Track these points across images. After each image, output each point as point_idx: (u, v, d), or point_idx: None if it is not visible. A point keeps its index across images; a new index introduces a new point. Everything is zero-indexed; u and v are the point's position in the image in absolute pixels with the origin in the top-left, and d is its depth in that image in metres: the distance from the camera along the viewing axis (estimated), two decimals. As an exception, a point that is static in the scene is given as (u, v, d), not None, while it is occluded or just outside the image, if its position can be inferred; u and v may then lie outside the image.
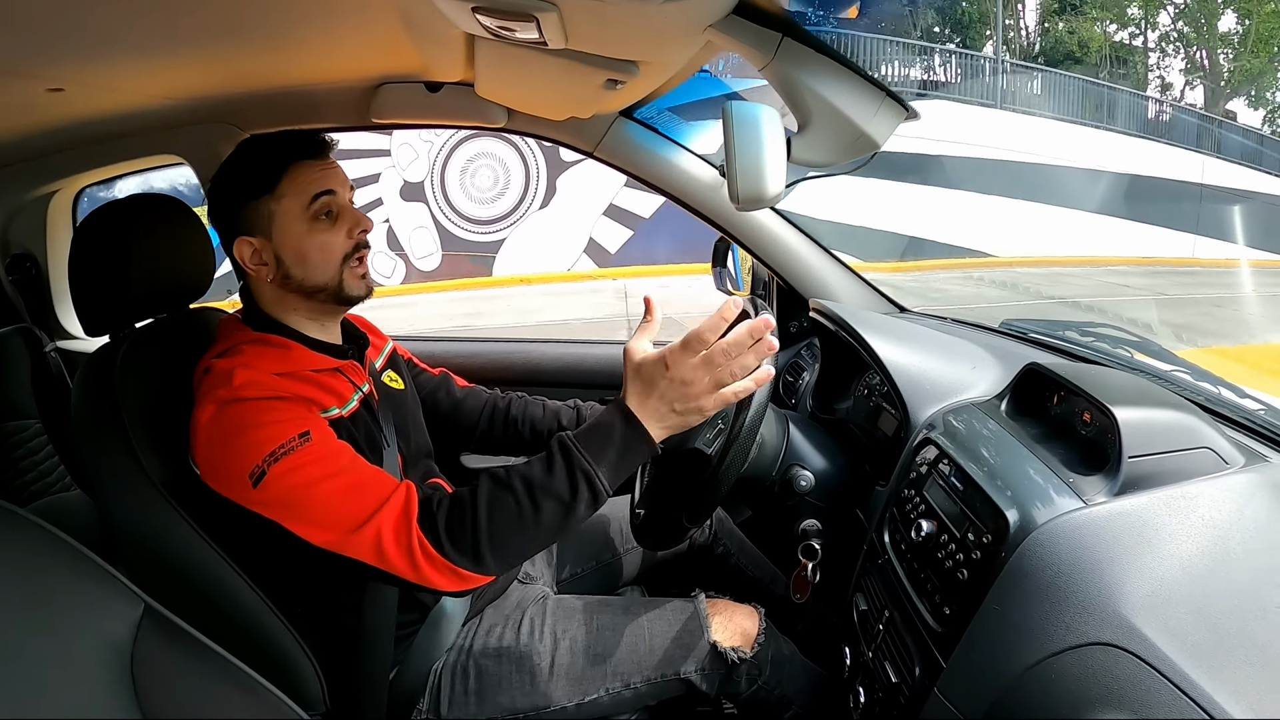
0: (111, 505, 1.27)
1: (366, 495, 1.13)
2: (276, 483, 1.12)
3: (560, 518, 1.13)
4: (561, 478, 1.12)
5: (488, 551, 1.11)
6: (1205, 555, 0.87)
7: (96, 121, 1.82)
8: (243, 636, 1.20)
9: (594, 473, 1.12)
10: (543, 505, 1.11)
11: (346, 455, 1.18)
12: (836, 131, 1.16)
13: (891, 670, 1.15)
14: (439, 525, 1.12)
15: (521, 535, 1.13)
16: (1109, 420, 0.99)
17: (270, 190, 1.27)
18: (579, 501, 1.12)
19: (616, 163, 1.95)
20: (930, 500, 1.18)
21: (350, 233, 1.31)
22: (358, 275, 1.32)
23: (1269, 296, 11.51)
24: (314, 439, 1.15)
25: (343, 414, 1.26)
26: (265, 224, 1.28)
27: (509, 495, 1.12)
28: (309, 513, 1.13)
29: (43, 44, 1.23)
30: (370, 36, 1.43)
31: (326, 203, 1.29)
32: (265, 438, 1.14)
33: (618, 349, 2.35)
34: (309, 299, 1.31)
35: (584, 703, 1.35)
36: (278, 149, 1.30)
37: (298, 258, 1.29)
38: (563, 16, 1.03)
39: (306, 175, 1.28)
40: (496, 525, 1.12)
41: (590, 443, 1.13)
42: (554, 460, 1.13)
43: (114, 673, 0.86)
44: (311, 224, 1.28)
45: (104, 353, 1.30)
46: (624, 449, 1.13)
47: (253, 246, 1.29)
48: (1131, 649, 0.79)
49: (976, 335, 1.64)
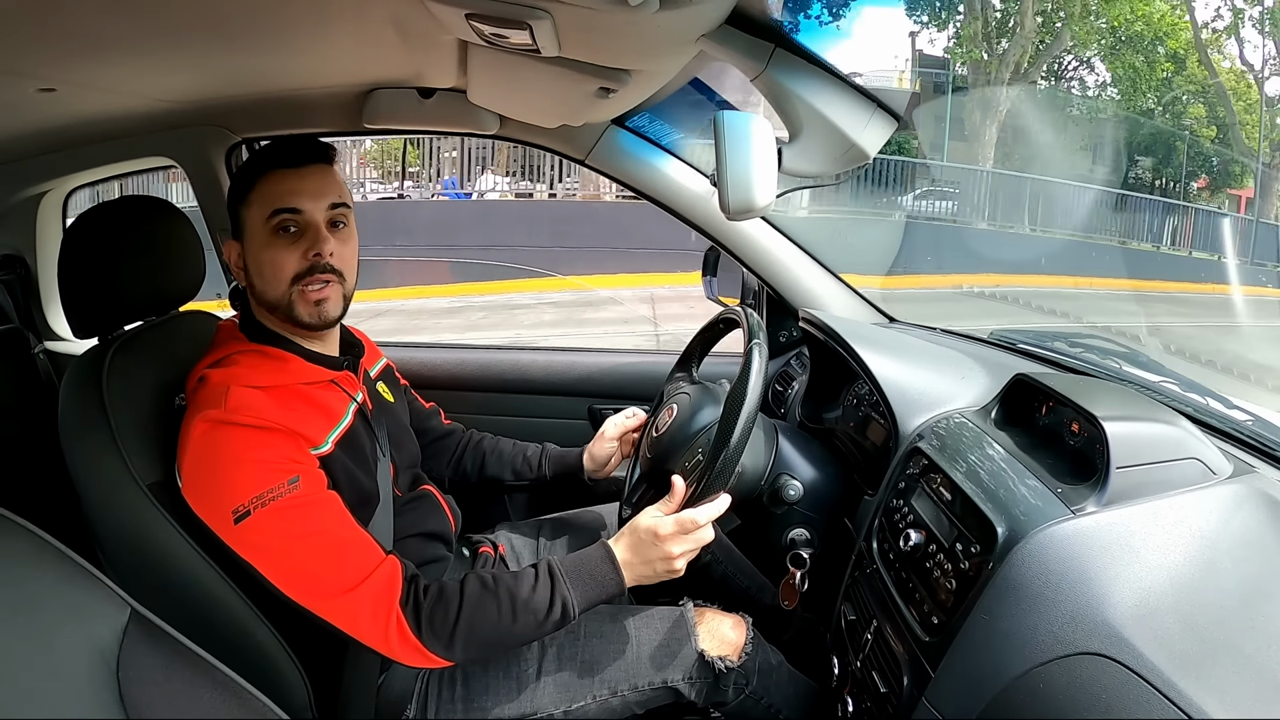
0: (97, 509, 1.27)
1: (349, 565, 1.18)
2: (259, 528, 1.14)
3: (531, 630, 1.23)
4: (543, 598, 1.22)
5: (460, 645, 1.19)
6: (1193, 565, 0.87)
7: (88, 122, 1.81)
8: (229, 642, 1.19)
9: (570, 600, 1.23)
10: (520, 617, 1.21)
11: (333, 510, 1.21)
12: (827, 142, 1.16)
13: (880, 680, 1.14)
14: (422, 611, 1.19)
15: (494, 638, 1.22)
16: (1097, 431, 0.99)
17: (243, 199, 1.28)
18: (550, 621, 1.22)
19: (608, 171, 1.96)
20: (919, 510, 1.18)
21: (305, 254, 1.27)
22: (309, 300, 1.28)
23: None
24: (302, 487, 1.17)
25: (335, 441, 1.27)
26: (241, 231, 1.29)
27: (493, 602, 1.21)
28: (287, 569, 1.17)
29: (34, 43, 1.22)
30: (363, 42, 1.43)
31: (285, 219, 1.26)
32: (254, 477, 1.15)
33: (607, 357, 2.36)
34: (271, 314, 1.31)
35: (571, 710, 1.34)
36: (260, 157, 1.30)
37: (256, 270, 1.29)
38: (556, 24, 1.03)
39: (276, 187, 1.27)
40: (475, 625, 1.20)
41: (574, 574, 1.26)
42: (539, 582, 1.24)
43: (100, 677, 0.85)
44: (270, 238, 1.26)
45: (92, 355, 1.30)
46: (600, 586, 1.26)
47: (236, 250, 1.30)
48: (1119, 658, 0.79)
49: (965, 345, 1.65)
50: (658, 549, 1.26)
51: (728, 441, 1.25)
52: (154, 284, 1.42)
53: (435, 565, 1.47)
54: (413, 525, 1.44)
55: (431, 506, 1.52)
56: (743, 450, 1.27)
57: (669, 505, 1.30)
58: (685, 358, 1.71)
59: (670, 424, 1.48)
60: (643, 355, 2.35)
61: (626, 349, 2.39)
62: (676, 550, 1.26)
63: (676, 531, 1.26)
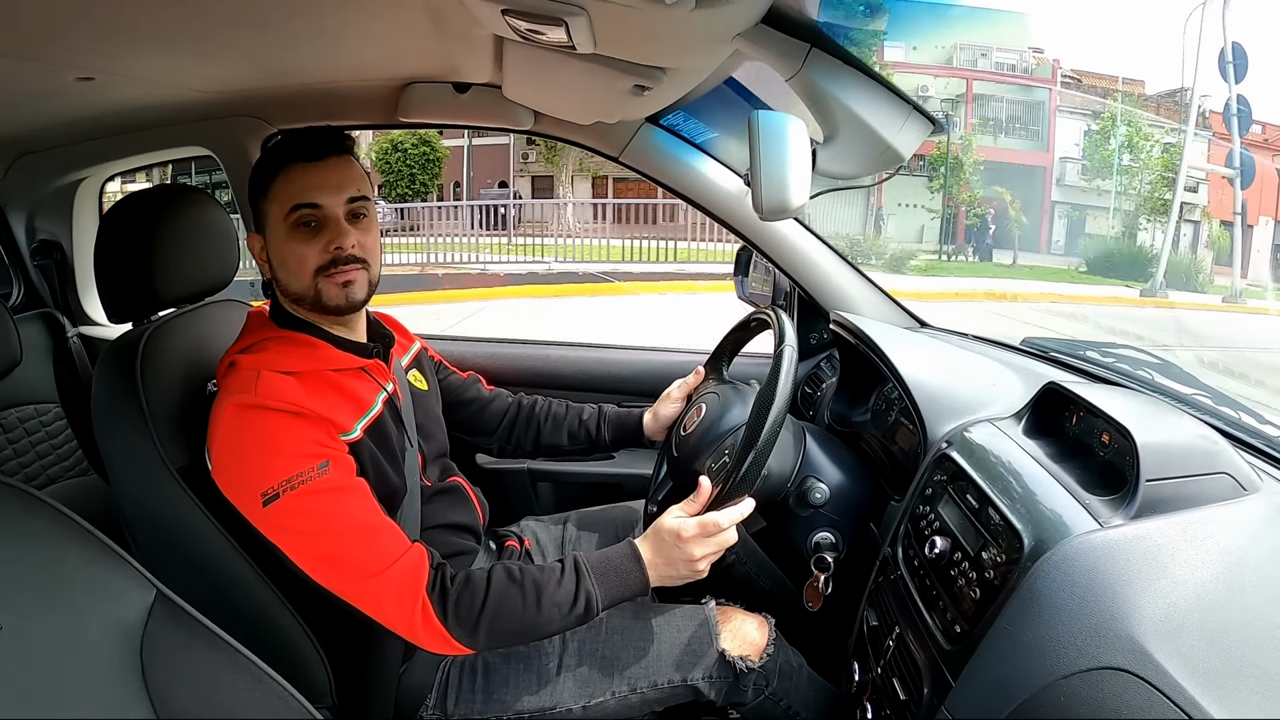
0: (128, 491, 1.28)
1: (377, 550, 1.18)
2: (289, 511, 1.15)
3: (554, 623, 1.23)
4: (568, 592, 1.22)
5: (484, 633, 1.19)
6: (1220, 582, 0.86)
7: (125, 111, 1.83)
8: (253, 627, 1.20)
9: (595, 596, 1.23)
10: (544, 610, 1.21)
11: (361, 497, 1.21)
12: (862, 143, 1.16)
13: (900, 687, 1.14)
14: (449, 598, 1.19)
15: (517, 628, 1.22)
16: (1128, 443, 0.98)
17: (263, 193, 1.28)
18: (574, 615, 1.22)
19: (642, 169, 1.95)
20: (945, 517, 1.17)
21: (326, 247, 1.27)
22: (336, 283, 1.28)
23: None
24: (332, 472, 1.18)
25: (363, 429, 1.27)
26: (263, 223, 1.30)
27: (518, 593, 1.21)
28: (314, 553, 1.18)
29: (73, 33, 1.24)
30: (400, 35, 1.43)
31: (305, 215, 1.26)
32: (284, 461, 1.16)
33: (637, 354, 2.36)
34: (297, 305, 1.32)
35: (590, 705, 1.34)
36: (278, 150, 1.30)
37: (279, 262, 1.29)
38: (591, 21, 1.03)
39: (295, 182, 1.26)
40: (500, 614, 1.20)
41: (600, 570, 1.26)
42: (565, 575, 1.24)
43: (123, 656, 0.86)
44: (291, 232, 1.27)
45: (126, 340, 1.31)
46: (625, 584, 1.26)
47: (260, 242, 1.31)
48: (1143, 674, 0.78)
49: (997, 352, 1.63)
50: (680, 550, 1.25)
51: (755, 443, 1.24)
52: (188, 272, 1.43)
53: (462, 557, 1.47)
54: (440, 516, 1.45)
55: (460, 498, 1.53)
56: (770, 452, 1.26)
57: (693, 505, 1.29)
58: (715, 357, 1.70)
59: (698, 423, 1.48)
60: (674, 353, 2.33)
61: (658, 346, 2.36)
62: (698, 552, 1.25)
63: (699, 534, 1.25)
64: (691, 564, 1.26)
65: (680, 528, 1.25)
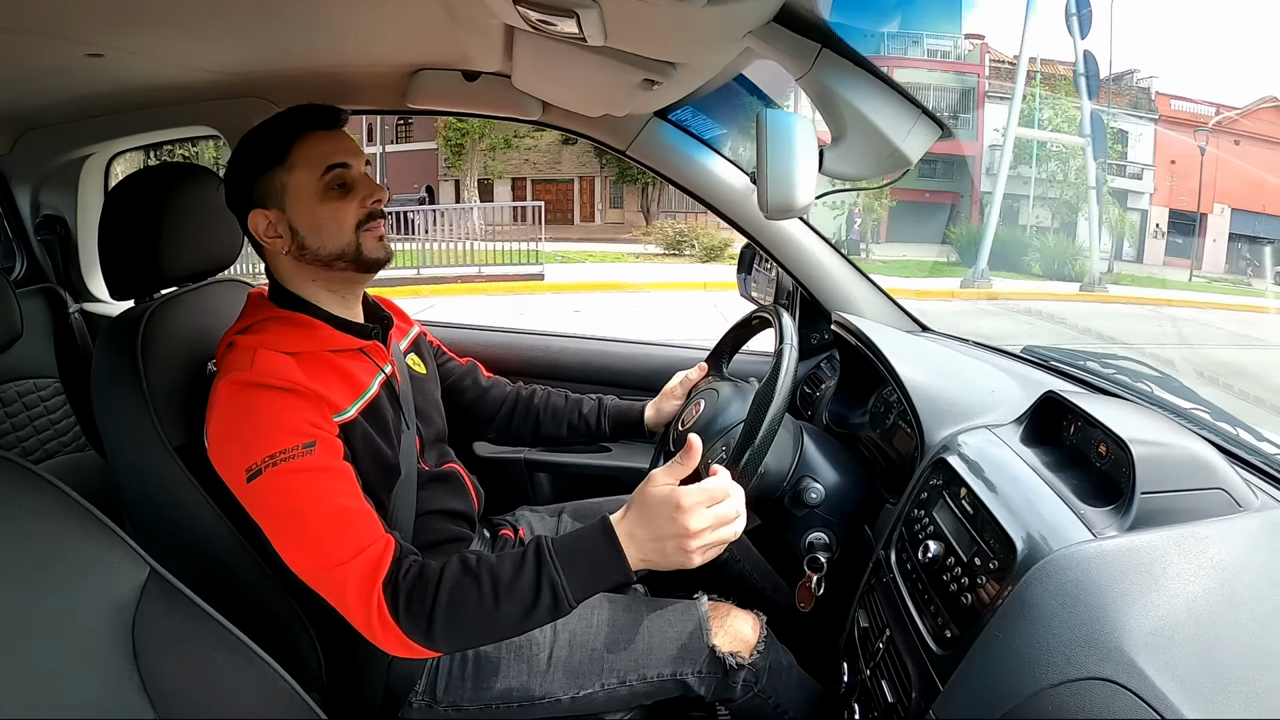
0: (125, 468, 1.29)
1: (347, 537, 1.13)
2: (268, 488, 1.13)
3: (518, 619, 1.11)
4: (528, 582, 1.10)
5: (439, 633, 1.10)
6: (1212, 597, 0.86)
7: (133, 89, 1.83)
8: (245, 607, 1.20)
9: (561, 585, 1.10)
10: (503, 603, 1.10)
11: (343, 481, 1.18)
12: (870, 145, 1.15)
13: (889, 690, 1.14)
14: (400, 592, 1.10)
15: (478, 625, 1.12)
16: (1125, 454, 0.98)
17: (281, 161, 1.28)
18: (539, 608, 1.10)
19: (648, 163, 1.95)
20: (939, 521, 1.17)
21: (364, 202, 1.30)
22: (374, 238, 1.32)
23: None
24: (317, 452, 1.16)
25: (359, 410, 1.27)
26: (279, 195, 1.29)
27: (474, 586, 1.10)
28: (287, 533, 1.15)
29: (83, 9, 1.24)
30: (411, 22, 1.43)
31: (339, 175, 1.29)
32: (271, 437, 1.14)
33: (637, 348, 2.36)
34: (327, 269, 1.31)
35: (579, 696, 1.35)
36: (288, 121, 1.31)
37: (312, 227, 1.29)
38: (603, 14, 1.03)
39: (318, 147, 1.29)
40: (454, 611, 1.10)
41: (566, 554, 1.12)
42: (525, 564, 1.12)
43: (115, 633, 0.86)
44: (324, 194, 1.28)
45: (128, 317, 1.31)
46: (597, 569, 1.12)
47: (267, 219, 1.29)
48: (1130, 686, 0.78)
49: (997, 359, 1.63)
50: (674, 523, 1.09)
51: (753, 440, 1.24)
52: (192, 250, 1.43)
53: (457, 544, 1.47)
54: (436, 501, 1.45)
55: (456, 484, 1.52)
56: (767, 450, 1.27)
57: (681, 468, 1.14)
58: (716, 353, 1.71)
59: (696, 419, 1.48)
60: (674, 347, 2.34)
61: (658, 341, 2.37)
62: (695, 524, 1.09)
63: (701, 501, 1.10)
64: (684, 541, 1.10)
65: (679, 496, 1.10)
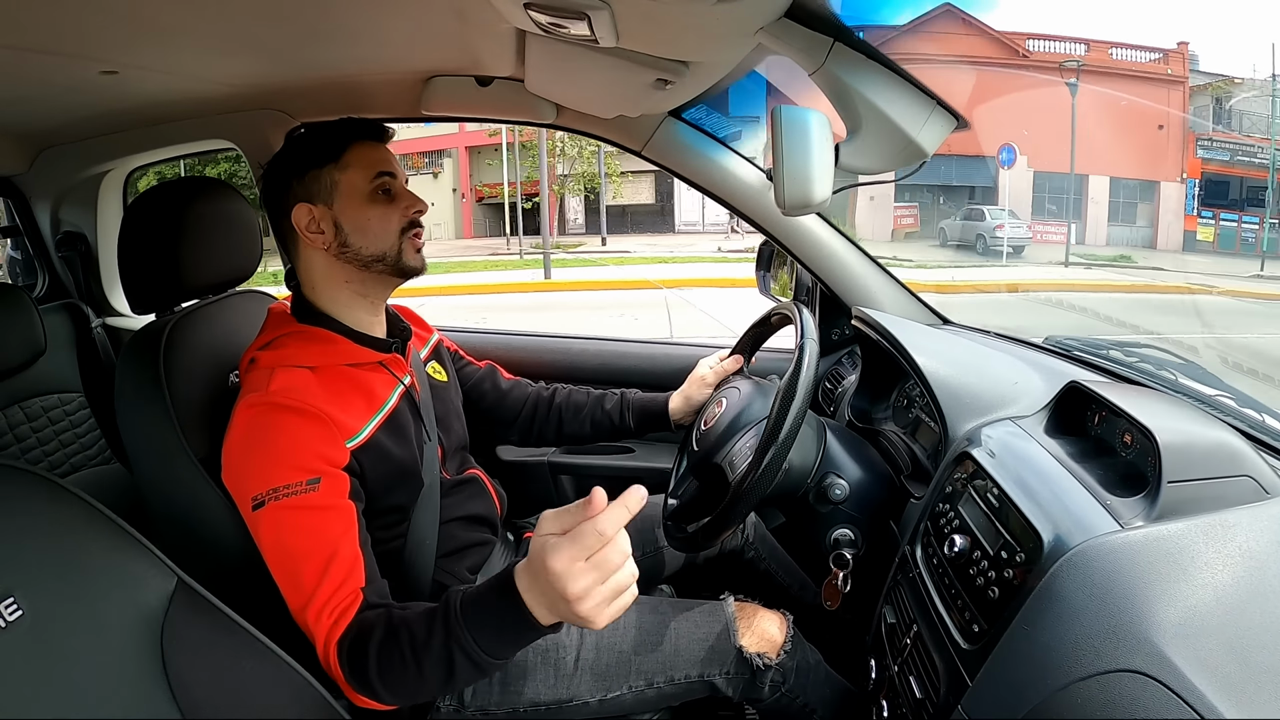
0: (150, 480, 1.30)
1: (329, 581, 1.12)
2: (268, 520, 1.14)
3: (444, 681, 1.05)
4: (439, 645, 1.03)
5: (382, 690, 1.07)
6: (1241, 586, 0.84)
7: (148, 105, 1.85)
8: (272, 615, 1.21)
9: (471, 646, 1.01)
10: (424, 664, 1.04)
11: (340, 522, 1.17)
12: (886, 139, 1.15)
13: (916, 686, 1.13)
14: (343, 651, 1.08)
15: (414, 684, 1.06)
16: (1150, 443, 0.97)
17: (335, 160, 1.31)
18: (458, 670, 1.03)
19: (664, 162, 1.95)
20: (965, 515, 1.16)
21: (406, 210, 1.34)
22: (414, 248, 1.36)
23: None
24: (320, 490, 1.16)
25: (374, 429, 1.27)
26: (327, 192, 1.31)
27: (395, 647, 1.05)
28: (278, 566, 1.15)
29: (96, 27, 1.25)
30: (423, 29, 1.44)
31: (386, 182, 1.33)
32: (279, 468, 1.15)
33: (657, 348, 2.37)
34: (364, 269, 1.33)
35: (607, 699, 1.35)
36: (342, 128, 1.34)
37: (357, 226, 1.31)
38: (614, 15, 1.03)
39: (369, 154, 1.33)
40: (385, 670, 1.06)
41: (474, 616, 1.02)
42: (434, 626, 1.04)
43: (144, 643, 0.87)
44: (373, 196, 1.32)
45: (150, 330, 1.32)
46: (508, 629, 1.01)
47: (311, 214, 1.30)
48: (1160, 678, 0.77)
49: (1019, 350, 1.62)
50: (553, 588, 0.92)
51: (776, 438, 1.24)
52: (212, 263, 1.44)
53: (480, 549, 1.48)
54: (458, 508, 1.45)
55: (478, 490, 1.53)
56: (790, 447, 1.26)
57: (569, 516, 0.95)
58: (737, 351, 1.71)
59: (719, 417, 1.48)
60: (695, 347, 2.33)
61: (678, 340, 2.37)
62: (575, 590, 0.90)
63: (575, 557, 0.90)
64: (575, 606, 0.92)
65: (549, 558, 0.91)
